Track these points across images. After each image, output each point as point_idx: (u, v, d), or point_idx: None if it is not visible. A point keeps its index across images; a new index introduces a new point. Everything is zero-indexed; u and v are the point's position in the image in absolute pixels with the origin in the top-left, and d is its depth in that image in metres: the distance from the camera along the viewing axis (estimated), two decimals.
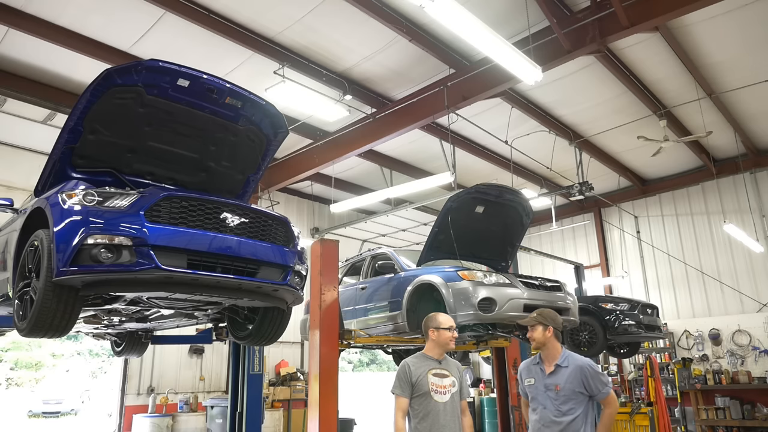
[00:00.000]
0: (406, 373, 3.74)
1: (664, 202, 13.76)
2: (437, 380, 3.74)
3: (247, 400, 6.14)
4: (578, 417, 3.63)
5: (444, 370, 3.81)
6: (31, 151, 10.23)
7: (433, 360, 3.84)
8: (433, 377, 3.73)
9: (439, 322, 3.91)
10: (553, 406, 3.70)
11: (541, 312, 3.95)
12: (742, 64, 8.77)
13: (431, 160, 12.02)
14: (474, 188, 6.48)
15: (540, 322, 3.87)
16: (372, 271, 7.50)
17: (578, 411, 3.64)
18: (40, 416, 21.84)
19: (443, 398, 3.70)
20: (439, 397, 3.69)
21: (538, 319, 3.89)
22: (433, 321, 3.93)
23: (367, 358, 45.93)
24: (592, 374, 3.68)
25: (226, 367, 12.07)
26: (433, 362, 3.83)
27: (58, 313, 3.22)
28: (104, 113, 3.83)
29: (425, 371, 3.74)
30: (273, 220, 3.94)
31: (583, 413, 3.65)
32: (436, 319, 3.94)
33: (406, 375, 3.73)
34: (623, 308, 7.94)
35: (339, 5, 7.15)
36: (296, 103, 8.68)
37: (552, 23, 7.12)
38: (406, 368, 3.76)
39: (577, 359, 3.79)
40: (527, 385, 3.94)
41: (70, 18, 7.28)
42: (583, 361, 3.77)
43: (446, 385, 3.75)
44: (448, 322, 3.92)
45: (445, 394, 3.72)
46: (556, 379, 3.75)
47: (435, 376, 3.75)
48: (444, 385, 3.75)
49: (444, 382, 3.76)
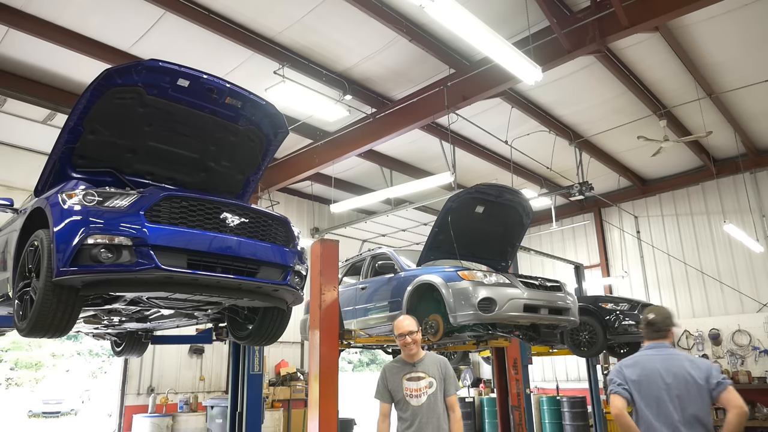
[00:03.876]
0: (383, 380, 3.87)
1: (664, 202, 13.76)
2: (411, 384, 3.79)
3: (247, 400, 6.12)
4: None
5: (420, 373, 3.81)
6: (31, 151, 10.22)
7: (408, 364, 3.88)
8: (407, 382, 3.80)
9: (395, 328, 3.93)
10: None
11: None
12: (742, 64, 8.77)
13: (431, 160, 12.02)
14: (474, 188, 6.48)
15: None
16: (372, 271, 7.50)
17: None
18: (40, 416, 21.84)
19: (419, 401, 3.74)
20: (415, 401, 3.74)
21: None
22: (394, 327, 3.95)
23: (367, 358, 45.89)
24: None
25: (226, 367, 12.07)
26: (408, 366, 3.87)
27: (58, 313, 3.22)
28: (104, 113, 3.83)
29: (400, 377, 3.82)
30: (273, 220, 3.93)
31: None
32: (394, 324, 3.96)
33: (383, 381, 3.87)
34: (623, 308, 7.94)
35: (339, 5, 7.15)
36: (296, 103, 8.68)
37: (552, 23, 7.13)
38: (383, 374, 3.90)
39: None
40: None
41: (70, 18, 7.28)
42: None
43: (421, 388, 3.78)
44: (401, 328, 3.88)
45: (420, 396, 3.75)
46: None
47: (409, 381, 3.81)
48: (418, 388, 3.77)
49: (419, 384, 3.78)
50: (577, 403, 11.86)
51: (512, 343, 8.16)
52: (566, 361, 14.45)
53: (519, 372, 8.38)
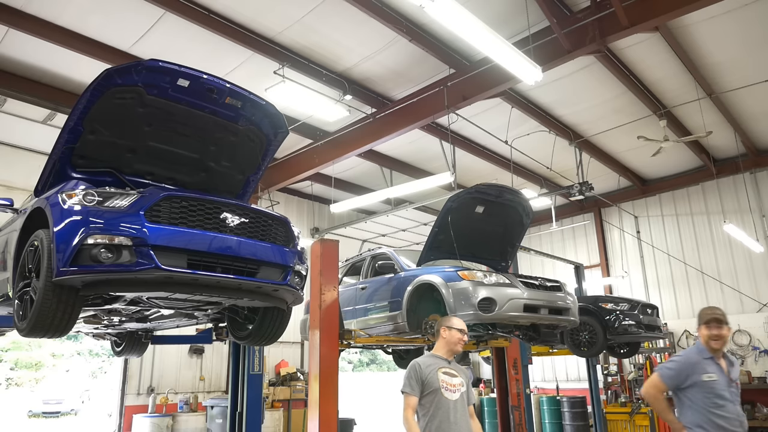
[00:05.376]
0: (416, 371, 3.77)
1: (664, 202, 13.76)
2: (447, 378, 3.77)
3: (247, 400, 6.12)
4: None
5: (453, 370, 3.87)
6: (31, 151, 10.22)
7: (443, 360, 3.91)
8: (443, 375, 3.78)
9: (452, 323, 4.02)
10: (737, 401, 3.68)
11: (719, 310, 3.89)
12: (742, 64, 8.77)
13: (431, 160, 12.02)
14: (474, 188, 6.48)
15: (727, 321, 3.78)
16: (372, 271, 7.50)
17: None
18: (40, 416, 21.84)
19: (453, 396, 3.73)
20: (449, 395, 3.72)
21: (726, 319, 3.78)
22: (447, 320, 4.06)
23: (367, 358, 45.89)
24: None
25: (226, 367, 12.07)
26: (443, 361, 3.90)
27: (58, 313, 3.22)
28: (104, 113, 3.83)
29: (435, 369, 3.79)
30: (273, 220, 3.93)
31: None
32: (450, 319, 4.08)
33: (416, 372, 3.76)
34: (623, 308, 7.93)
35: (339, 5, 7.15)
36: (296, 103, 8.68)
37: (552, 23, 7.13)
38: (416, 366, 3.81)
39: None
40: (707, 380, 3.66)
41: (70, 18, 7.28)
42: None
43: (456, 384, 3.79)
44: (461, 324, 4.03)
45: (455, 392, 3.76)
46: (735, 374, 3.76)
47: (445, 374, 3.79)
48: (454, 383, 3.79)
49: (454, 381, 3.80)
50: (577, 403, 11.86)
51: (512, 343, 8.16)
52: (566, 361, 14.45)
53: (519, 372, 8.38)
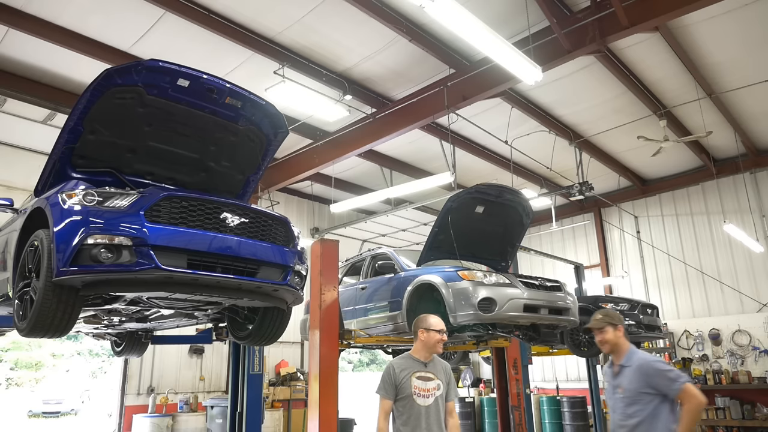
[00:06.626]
0: (390, 375, 3.73)
1: (664, 202, 13.76)
2: (421, 383, 3.71)
3: (247, 400, 6.12)
4: (644, 420, 3.35)
5: (429, 373, 3.77)
6: (31, 151, 10.22)
7: (419, 362, 3.81)
8: (416, 380, 3.71)
9: (429, 324, 3.88)
10: (620, 409, 3.49)
11: (607, 312, 3.76)
12: (742, 64, 8.76)
13: (431, 160, 12.02)
14: (474, 188, 6.48)
15: (609, 323, 3.65)
16: (372, 271, 7.50)
17: (644, 413, 3.35)
18: (40, 416, 21.84)
19: (426, 402, 3.67)
20: (422, 401, 3.66)
21: (606, 321, 3.66)
22: (424, 322, 3.91)
23: (367, 358, 45.92)
24: (653, 372, 3.38)
25: (226, 367, 12.07)
26: (419, 364, 3.80)
27: (58, 313, 3.22)
28: (104, 113, 3.83)
29: (409, 374, 3.72)
30: (273, 220, 3.93)
31: (650, 416, 3.34)
32: (427, 320, 3.92)
33: (390, 377, 3.72)
34: (623, 308, 7.94)
35: (339, 5, 7.15)
36: (296, 103, 8.68)
37: (552, 23, 7.13)
38: (391, 370, 3.76)
39: (639, 357, 3.53)
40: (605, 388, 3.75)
41: (70, 18, 7.28)
42: (643, 359, 3.50)
43: (430, 389, 3.72)
44: (439, 325, 3.89)
45: (428, 397, 3.69)
46: (620, 380, 3.54)
47: (419, 380, 3.72)
48: (428, 388, 3.71)
49: (428, 385, 3.72)
50: (577, 403, 11.86)
51: (512, 343, 8.16)
52: (566, 361, 14.45)
53: (519, 372, 8.39)
